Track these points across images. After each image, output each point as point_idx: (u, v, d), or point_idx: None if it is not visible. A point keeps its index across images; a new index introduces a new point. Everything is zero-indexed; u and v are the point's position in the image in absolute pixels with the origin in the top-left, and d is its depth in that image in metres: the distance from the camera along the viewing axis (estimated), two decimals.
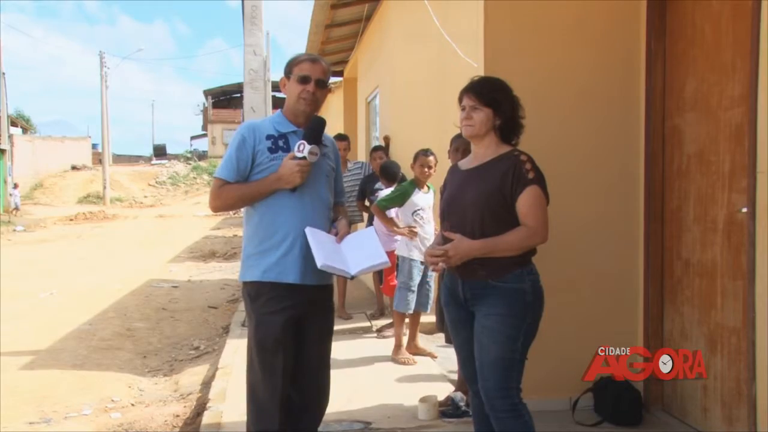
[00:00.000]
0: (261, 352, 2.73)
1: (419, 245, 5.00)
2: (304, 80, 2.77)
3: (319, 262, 2.66)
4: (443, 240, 2.65)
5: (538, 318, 2.60)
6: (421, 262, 5.00)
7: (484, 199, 2.55)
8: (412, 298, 5.07)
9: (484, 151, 2.66)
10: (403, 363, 4.99)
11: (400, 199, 5.04)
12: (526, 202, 2.52)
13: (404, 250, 5.08)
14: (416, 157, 4.95)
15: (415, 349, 5.22)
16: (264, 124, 2.84)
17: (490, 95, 2.62)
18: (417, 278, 5.07)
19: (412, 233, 5.00)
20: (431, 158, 4.88)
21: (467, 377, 2.80)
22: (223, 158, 2.79)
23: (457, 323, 2.73)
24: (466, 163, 2.76)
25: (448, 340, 3.94)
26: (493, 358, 2.54)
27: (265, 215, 2.76)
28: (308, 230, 2.73)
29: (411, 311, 5.12)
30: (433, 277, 5.14)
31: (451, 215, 2.66)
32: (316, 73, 2.78)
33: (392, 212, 5.33)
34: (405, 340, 5.21)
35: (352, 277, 2.84)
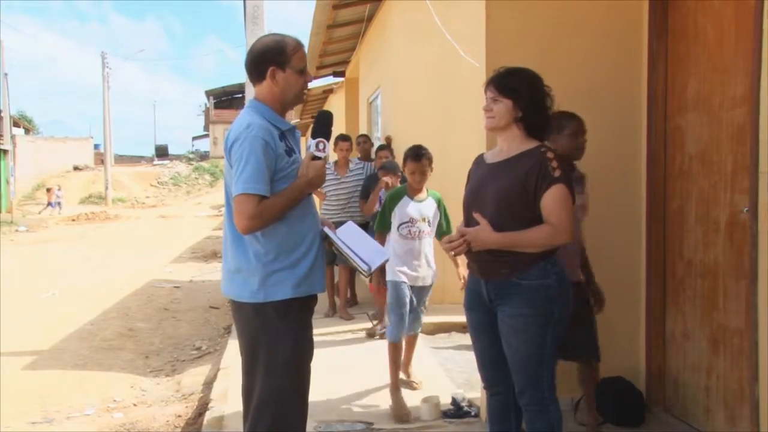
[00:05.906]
0: (300, 371, 2.52)
1: (406, 268, 4.18)
2: (304, 72, 2.53)
3: (369, 266, 2.61)
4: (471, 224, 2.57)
5: (567, 308, 2.55)
6: (410, 286, 4.19)
7: (505, 195, 2.48)
8: (402, 326, 4.19)
9: (509, 145, 2.58)
10: (414, 389, 4.39)
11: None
12: (550, 200, 2.43)
13: (390, 273, 4.18)
14: (404, 160, 4.23)
15: (404, 373, 4.50)
16: (265, 122, 2.47)
17: (511, 86, 2.53)
18: (406, 301, 4.18)
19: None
20: (422, 162, 4.12)
21: (486, 381, 2.77)
22: (245, 168, 2.36)
23: (479, 328, 2.69)
24: (491, 156, 2.68)
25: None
26: (522, 356, 2.53)
27: (291, 224, 2.47)
28: (341, 229, 2.66)
29: (397, 341, 4.19)
30: (425, 303, 4.40)
31: (473, 208, 2.58)
32: None
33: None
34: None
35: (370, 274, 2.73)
